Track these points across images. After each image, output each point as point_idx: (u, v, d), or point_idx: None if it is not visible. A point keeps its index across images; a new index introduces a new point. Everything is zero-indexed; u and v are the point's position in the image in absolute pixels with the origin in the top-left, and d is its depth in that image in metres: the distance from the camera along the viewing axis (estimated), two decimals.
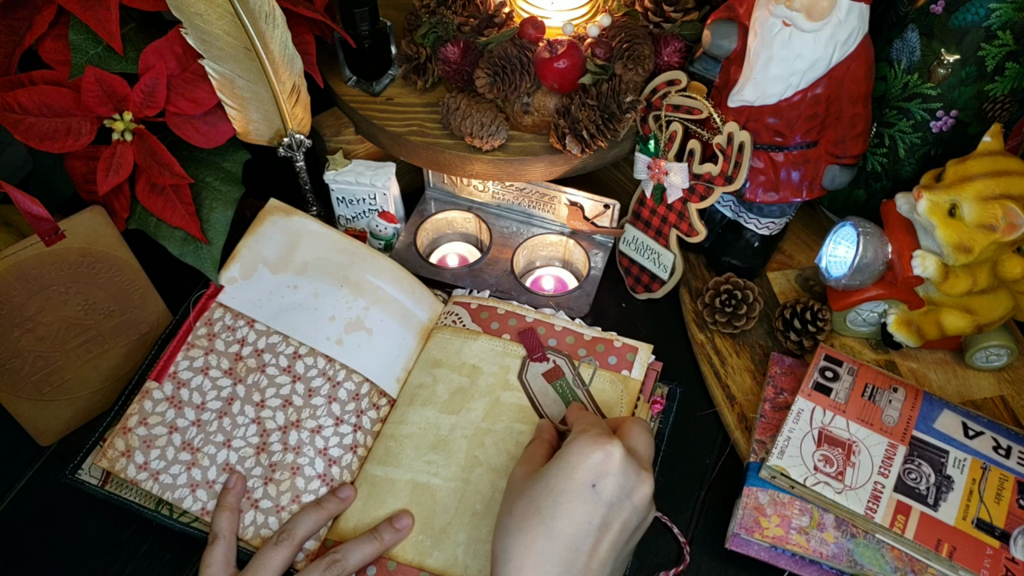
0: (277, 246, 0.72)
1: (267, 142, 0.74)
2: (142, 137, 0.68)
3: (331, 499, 0.62)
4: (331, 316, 0.70)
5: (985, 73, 0.66)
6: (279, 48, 0.67)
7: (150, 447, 0.63)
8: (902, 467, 0.63)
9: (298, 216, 0.70)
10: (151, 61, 0.66)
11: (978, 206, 0.62)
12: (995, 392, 0.73)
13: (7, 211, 0.72)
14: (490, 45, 0.76)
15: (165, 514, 0.65)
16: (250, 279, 0.71)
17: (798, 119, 0.68)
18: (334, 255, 0.73)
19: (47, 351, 0.68)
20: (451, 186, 0.85)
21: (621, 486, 0.52)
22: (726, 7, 0.69)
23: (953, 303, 0.69)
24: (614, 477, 0.52)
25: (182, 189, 0.71)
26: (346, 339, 0.69)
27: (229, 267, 0.71)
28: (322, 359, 0.68)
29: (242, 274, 0.71)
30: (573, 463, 0.52)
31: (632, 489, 0.53)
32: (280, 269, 0.72)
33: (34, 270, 0.64)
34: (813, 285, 0.80)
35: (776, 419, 0.69)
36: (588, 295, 0.80)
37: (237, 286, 0.71)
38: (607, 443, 0.53)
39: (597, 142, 0.72)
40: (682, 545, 0.66)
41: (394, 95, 0.80)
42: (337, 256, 0.73)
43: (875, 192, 0.76)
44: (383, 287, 0.71)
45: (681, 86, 0.72)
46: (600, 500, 0.52)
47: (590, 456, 0.52)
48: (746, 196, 0.73)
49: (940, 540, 0.60)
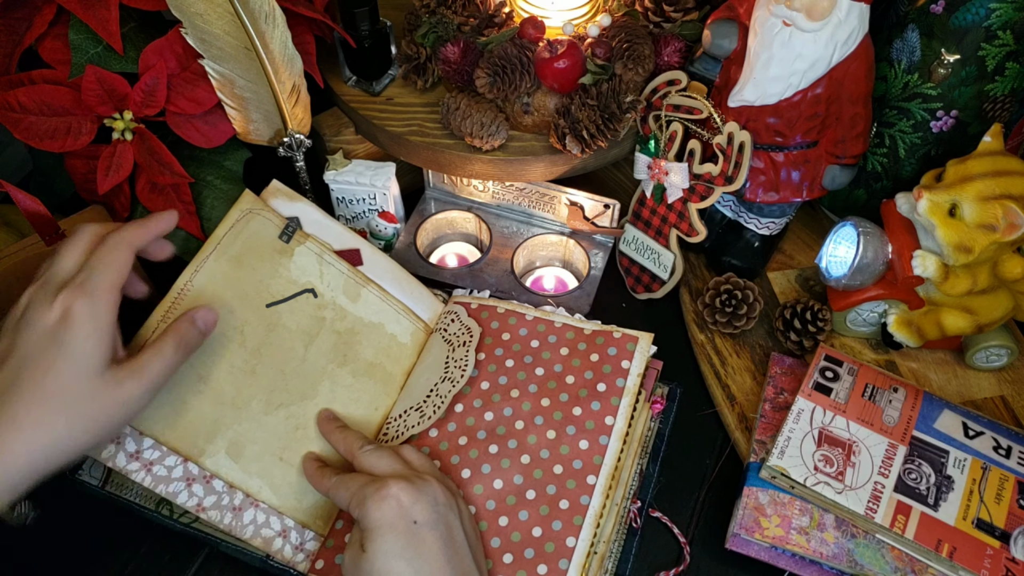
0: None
1: (267, 142, 0.74)
2: (142, 136, 0.68)
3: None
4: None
5: (985, 73, 0.66)
6: (279, 48, 0.67)
7: (143, 435, 0.61)
8: (902, 467, 0.63)
9: (300, 202, 0.70)
10: (151, 61, 0.66)
11: (978, 206, 0.62)
12: (995, 392, 0.73)
13: (7, 211, 0.72)
14: (490, 45, 0.76)
15: (165, 514, 0.65)
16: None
17: (798, 119, 0.68)
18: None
19: None
20: (451, 186, 0.85)
21: (428, 502, 0.54)
22: (726, 7, 0.69)
23: (953, 303, 0.69)
24: (419, 504, 0.54)
25: (182, 188, 0.71)
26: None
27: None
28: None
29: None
30: (384, 528, 0.53)
31: (433, 496, 0.55)
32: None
33: (34, 270, 0.64)
34: (813, 285, 0.80)
35: (776, 419, 0.69)
36: (588, 295, 0.80)
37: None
38: (383, 489, 0.54)
39: (597, 142, 0.72)
40: (682, 545, 0.66)
41: (394, 95, 0.80)
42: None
43: (875, 192, 0.76)
44: (384, 286, 0.71)
45: (681, 86, 0.72)
46: (428, 525, 0.53)
47: (388, 512, 0.53)
48: (746, 196, 0.73)
49: (940, 540, 0.60)
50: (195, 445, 0.61)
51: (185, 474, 0.60)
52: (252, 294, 0.65)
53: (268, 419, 0.63)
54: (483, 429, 0.65)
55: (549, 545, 0.59)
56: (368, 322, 0.69)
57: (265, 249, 0.67)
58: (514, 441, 0.64)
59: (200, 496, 0.60)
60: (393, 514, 0.53)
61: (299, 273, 0.67)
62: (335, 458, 0.63)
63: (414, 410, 0.66)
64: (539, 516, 0.60)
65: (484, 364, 0.68)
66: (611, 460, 0.62)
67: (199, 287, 0.63)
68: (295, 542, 0.62)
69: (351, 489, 0.56)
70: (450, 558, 0.53)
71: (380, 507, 0.53)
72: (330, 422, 0.64)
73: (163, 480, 0.60)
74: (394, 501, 0.53)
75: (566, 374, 0.67)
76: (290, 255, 0.67)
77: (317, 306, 0.68)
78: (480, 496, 0.61)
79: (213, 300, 0.63)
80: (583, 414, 0.64)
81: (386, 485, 0.54)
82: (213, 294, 0.64)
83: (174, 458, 0.60)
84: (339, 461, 0.63)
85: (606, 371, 0.66)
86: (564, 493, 0.61)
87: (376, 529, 0.53)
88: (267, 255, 0.67)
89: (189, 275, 0.64)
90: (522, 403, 0.65)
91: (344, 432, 0.62)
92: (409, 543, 0.53)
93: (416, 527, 0.53)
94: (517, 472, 0.62)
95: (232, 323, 0.64)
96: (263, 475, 0.62)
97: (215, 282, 0.64)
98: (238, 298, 0.65)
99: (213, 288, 0.64)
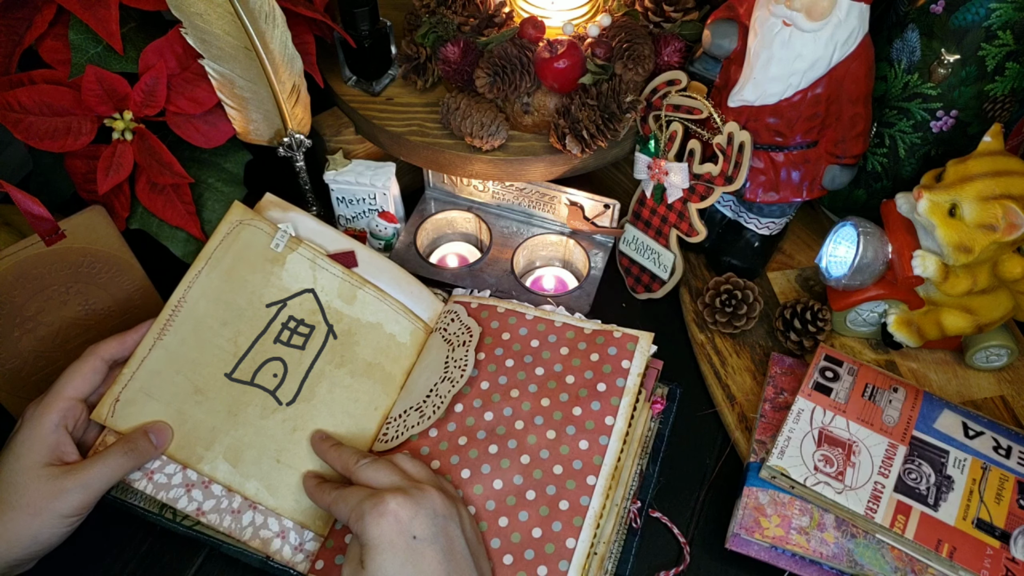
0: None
1: (267, 142, 0.74)
2: (142, 136, 0.68)
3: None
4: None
5: (985, 73, 0.66)
6: (279, 48, 0.67)
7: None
8: (902, 467, 0.63)
9: (294, 212, 0.70)
10: (151, 60, 0.66)
11: (978, 206, 0.62)
12: (995, 392, 0.73)
13: (7, 211, 0.72)
14: (490, 45, 0.76)
15: (168, 518, 0.65)
16: None
17: (798, 119, 0.68)
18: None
19: (47, 351, 0.68)
20: (451, 186, 0.85)
21: (427, 515, 0.54)
22: (726, 7, 0.69)
23: (953, 303, 0.69)
24: (418, 518, 0.54)
25: (182, 188, 0.71)
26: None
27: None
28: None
29: None
30: (383, 545, 0.53)
31: (432, 507, 0.55)
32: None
33: (34, 270, 0.64)
34: (813, 285, 0.80)
35: (776, 419, 0.69)
36: (588, 295, 0.80)
37: None
38: (381, 504, 0.54)
39: (597, 142, 0.72)
40: (682, 545, 0.66)
41: (394, 95, 0.80)
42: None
43: (875, 192, 0.76)
44: (383, 287, 0.71)
45: (681, 86, 0.72)
46: (427, 540, 0.53)
47: (387, 529, 0.53)
48: (746, 196, 0.73)
49: (940, 540, 0.60)
50: (194, 453, 0.62)
51: (184, 480, 0.61)
52: (245, 305, 0.66)
53: (265, 423, 0.64)
54: (483, 429, 0.65)
55: (549, 546, 0.59)
56: (366, 323, 0.69)
57: (257, 259, 0.67)
58: (514, 441, 0.64)
59: (200, 501, 0.61)
60: (392, 531, 0.53)
61: (292, 280, 0.68)
62: (334, 472, 0.63)
63: (414, 410, 0.66)
64: (539, 517, 0.60)
65: (484, 364, 0.68)
66: (611, 460, 0.62)
67: (193, 302, 0.65)
68: (294, 543, 0.62)
69: (350, 504, 0.56)
70: (450, 573, 0.53)
71: (379, 524, 0.53)
72: (324, 442, 0.63)
73: (163, 487, 0.61)
74: (392, 517, 0.53)
75: (566, 374, 0.67)
76: (282, 263, 0.68)
77: (312, 311, 0.68)
78: (480, 496, 0.61)
79: (206, 315, 0.65)
80: (583, 414, 0.64)
81: (384, 500, 0.54)
82: (206, 309, 0.65)
83: (174, 466, 0.62)
84: (338, 475, 0.63)
85: (606, 371, 0.66)
86: (564, 494, 0.61)
87: (375, 547, 0.53)
88: (259, 265, 0.67)
89: (183, 291, 0.65)
90: (522, 403, 0.65)
91: (339, 449, 0.62)
92: (408, 559, 0.52)
93: (415, 543, 0.53)
94: (517, 472, 0.62)
95: (226, 335, 0.65)
96: (261, 478, 0.62)
97: (208, 296, 0.65)
98: (232, 310, 0.66)
99: (206, 303, 0.65)
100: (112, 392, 0.61)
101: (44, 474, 0.56)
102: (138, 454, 0.59)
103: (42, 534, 0.56)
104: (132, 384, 0.62)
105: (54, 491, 0.56)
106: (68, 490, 0.56)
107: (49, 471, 0.57)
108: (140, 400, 0.62)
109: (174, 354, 0.63)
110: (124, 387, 0.62)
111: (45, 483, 0.56)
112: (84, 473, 0.57)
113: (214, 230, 0.67)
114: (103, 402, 0.61)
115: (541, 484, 0.62)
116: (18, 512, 0.55)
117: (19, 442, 0.58)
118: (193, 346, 0.64)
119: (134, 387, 0.62)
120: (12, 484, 0.56)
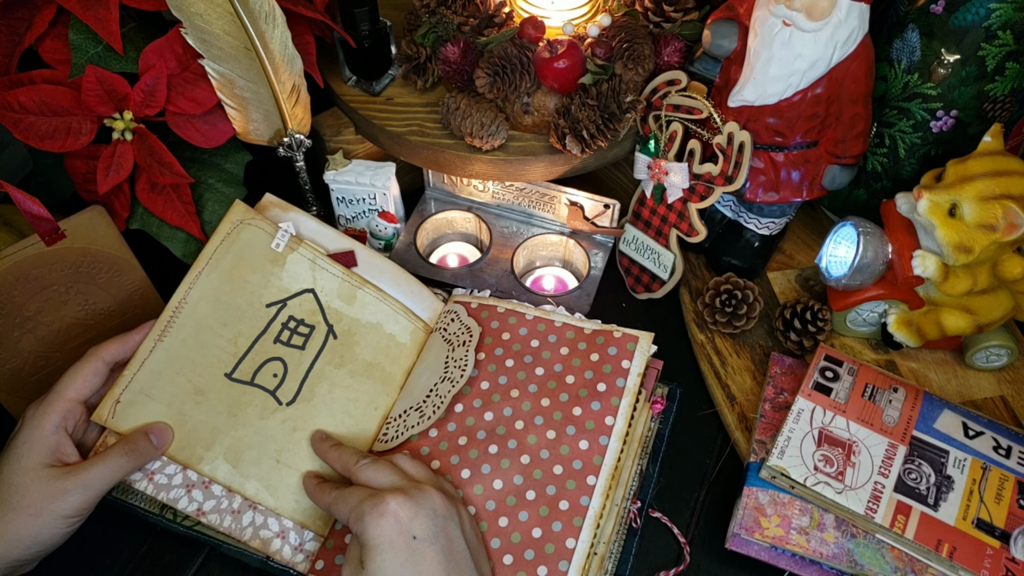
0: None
1: (267, 142, 0.74)
2: (142, 136, 0.68)
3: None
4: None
5: (985, 73, 0.66)
6: (279, 48, 0.67)
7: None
8: (902, 467, 0.63)
9: (294, 212, 0.70)
10: (151, 60, 0.66)
11: (978, 206, 0.62)
12: (995, 392, 0.73)
13: (7, 211, 0.72)
14: (490, 45, 0.76)
15: (169, 518, 0.65)
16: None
17: (798, 119, 0.68)
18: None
19: (47, 351, 0.68)
20: (451, 186, 0.85)
21: (427, 515, 0.54)
22: (726, 7, 0.69)
23: (953, 303, 0.69)
24: (417, 518, 0.54)
25: (182, 189, 0.71)
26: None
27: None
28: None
29: None
30: (383, 545, 0.53)
31: (432, 508, 0.55)
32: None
33: (34, 270, 0.64)
34: (813, 285, 0.80)
35: (776, 419, 0.69)
36: (588, 295, 0.80)
37: None
38: (381, 504, 0.54)
39: (597, 142, 0.72)
40: (682, 545, 0.66)
41: (394, 95, 0.80)
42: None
43: (875, 192, 0.76)
44: (382, 287, 0.71)
45: (681, 86, 0.72)
46: (427, 540, 0.53)
47: (387, 529, 0.53)
48: (746, 196, 0.73)
49: (940, 540, 0.60)
50: (194, 453, 0.62)
51: (184, 481, 0.61)
52: (245, 306, 0.66)
53: (265, 423, 0.64)
54: (483, 429, 0.64)
55: (549, 546, 0.59)
56: (365, 323, 0.69)
57: (257, 260, 0.67)
58: (514, 441, 0.64)
59: (200, 501, 0.61)
60: (392, 531, 0.53)
61: (292, 281, 0.68)
62: (334, 473, 0.63)
63: (414, 410, 0.66)
64: (539, 517, 0.60)
65: (484, 364, 0.68)
66: (611, 460, 0.62)
67: (193, 303, 0.65)
68: (294, 543, 0.62)
69: (350, 504, 0.56)
70: (450, 573, 0.53)
71: (378, 524, 0.53)
72: (324, 442, 0.63)
73: (164, 488, 0.61)
74: (392, 517, 0.53)
75: (566, 374, 0.67)
76: (282, 264, 0.68)
77: (312, 311, 0.68)
78: (480, 496, 0.61)
79: (207, 316, 0.65)
80: (583, 414, 0.64)
81: (383, 501, 0.54)
82: (206, 310, 0.65)
83: (174, 467, 0.62)
84: (338, 475, 0.63)
85: (606, 371, 0.66)
86: (564, 494, 0.61)
87: (375, 547, 0.53)
88: (259, 265, 0.67)
89: (183, 292, 0.65)
90: (522, 403, 0.65)
91: (339, 450, 0.62)
92: (408, 560, 0.52)
93: (415, 543, 0.53)
94: (517, 472, 0.62)
95: (226, 335, 0.65)
96: (261, 478, 0.62)
97: (208, 297, 0.65)
98: (232, 311, 0.66)
99: (207, 303, 0.65)
100: (112, 393, 0.61)
101: (45, 475, 0.56)
102: (138, 455, 0.59)
103: (43, 535, 0.56)
104: (133, 385, 0.62)
105: (55, 492, 0.56)
106: (69, 491, 0.56)
107: (50, 472, 0.57)
108: (140, 401, 0.62)
109: (175, 355, 0.63)
110: (125, 388, 0.62)
111: (46, 484, 0.56)
112: (85, 474, 0.57)
113: (215, 230, 0.67)
114: (103, 403, 0.61)
115: (541, 484, 0.62)
116: (19, 513, 0.55)
117: (19, 443, 0.58)
118: (193, 347, 0.64)
119: (135, 388, 0.62)
120: (13, 485, 0.56)
